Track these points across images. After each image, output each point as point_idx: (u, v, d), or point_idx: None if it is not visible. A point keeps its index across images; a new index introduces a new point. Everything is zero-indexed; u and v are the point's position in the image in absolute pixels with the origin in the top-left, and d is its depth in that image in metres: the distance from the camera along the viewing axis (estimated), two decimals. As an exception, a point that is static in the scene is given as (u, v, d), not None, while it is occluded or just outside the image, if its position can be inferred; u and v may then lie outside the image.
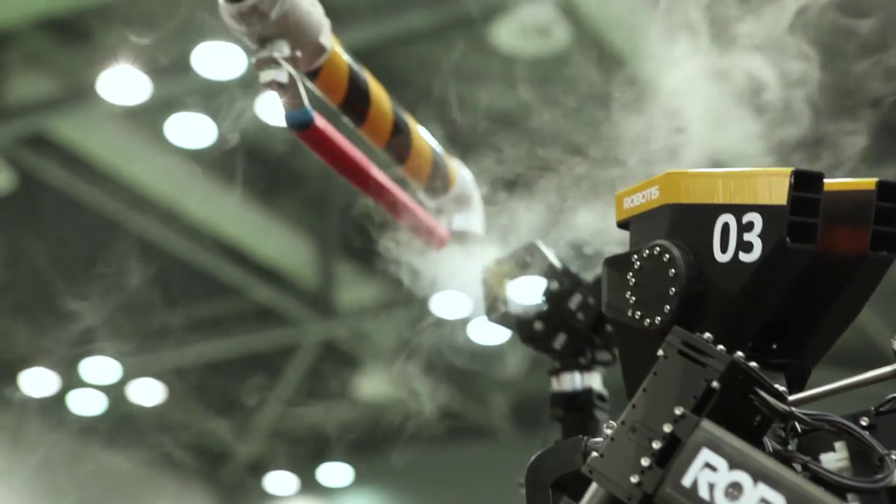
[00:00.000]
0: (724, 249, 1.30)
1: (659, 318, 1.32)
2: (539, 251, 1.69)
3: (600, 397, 1.64)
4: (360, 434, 11.48)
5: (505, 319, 1.71)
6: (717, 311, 1.30)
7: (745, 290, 1.28)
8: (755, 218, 1.28)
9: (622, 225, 1.42)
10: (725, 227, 1.30)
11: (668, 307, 1.31)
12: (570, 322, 1.64)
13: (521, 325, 1.68)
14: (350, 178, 1.77)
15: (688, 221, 1.33)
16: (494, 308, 1.71)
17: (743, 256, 1.28)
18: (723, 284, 1.29)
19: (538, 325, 1.66)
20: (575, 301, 1.64)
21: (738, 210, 1.29)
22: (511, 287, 1.72)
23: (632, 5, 6.06)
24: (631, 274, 1.35)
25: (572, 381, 1.64)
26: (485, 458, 9.39)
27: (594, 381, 1.64)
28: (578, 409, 1.63)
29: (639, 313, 1.34)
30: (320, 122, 1.65)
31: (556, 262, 1.68)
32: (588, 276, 1.67)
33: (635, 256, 1.35)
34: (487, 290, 1.72)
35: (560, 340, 1.65)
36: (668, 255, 1.32)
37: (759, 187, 1.29)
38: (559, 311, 1.65)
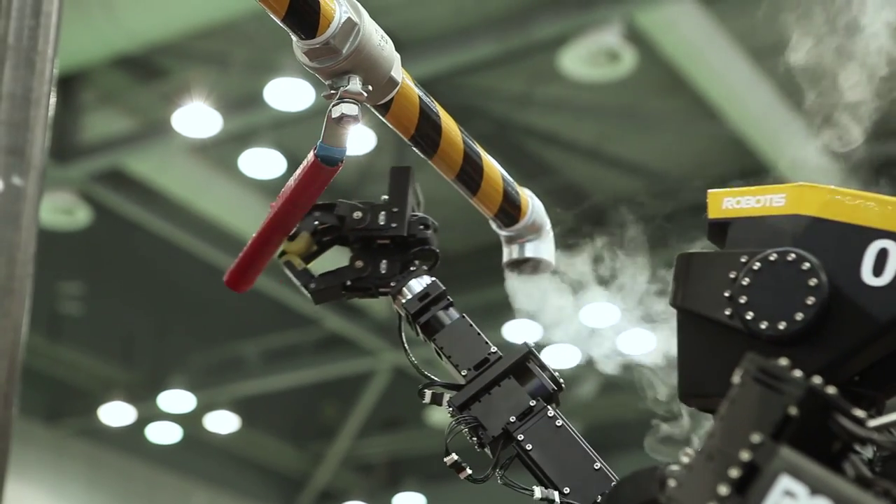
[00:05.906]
0: (877, 274, 1.30)
1: (784, 324, 1.31)
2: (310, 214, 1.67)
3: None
4: (433, 462, 11.48)
5: (325, 284, 1.67)
6: (852, 332, 1.30)
7: None
8: None
9: (715, 223, 1.41)
10: (882, 252, 1.30)
11: (801, 315, 1.31)
12: (382, 239, 1.64)
13: (345, 273, 1.67)
14: None
15: (829, 237, 1.33)
16: (310, 282, 1.68)
17: None
18: (870, 308, 1.30)
19: (359, 264, 1.66)
20: (381, 217, 1.65)
21: None
22: (312, 259, 1.71)
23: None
24: (743, 273, 1.34)
25: (419, 282, 1.65)
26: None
27: (425, 281, 1.66)
28: (433, 302, 1.64)
29: (750, 314, 1.33)
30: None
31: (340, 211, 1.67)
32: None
33: (746, 258, 1.34)
34: (294, 272, 1.69)
35: (384, 266, 1.65)
36: (807, 264, 1.32)
37: None
38: (368, 237, 1.65)
